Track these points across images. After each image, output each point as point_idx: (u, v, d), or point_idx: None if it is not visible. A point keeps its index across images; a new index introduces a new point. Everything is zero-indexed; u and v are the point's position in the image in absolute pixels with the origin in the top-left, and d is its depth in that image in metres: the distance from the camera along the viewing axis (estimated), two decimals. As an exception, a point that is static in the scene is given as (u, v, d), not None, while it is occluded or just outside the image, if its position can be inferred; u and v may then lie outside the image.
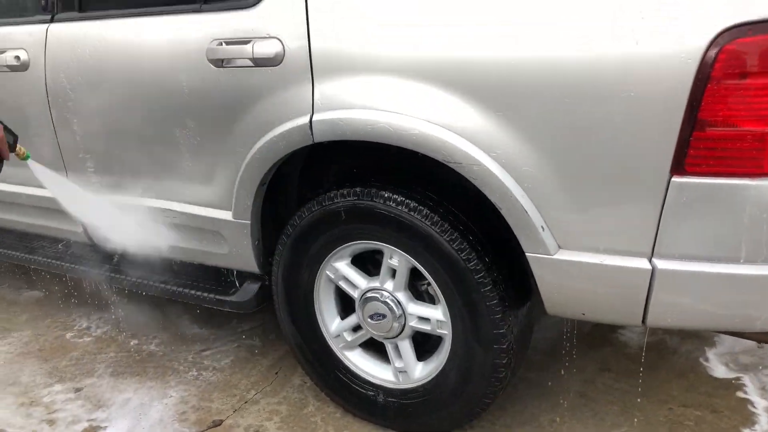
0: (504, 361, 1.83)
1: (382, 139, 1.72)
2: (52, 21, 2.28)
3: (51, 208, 2.53)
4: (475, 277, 1.75)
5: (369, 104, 1.72)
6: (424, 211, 1.79)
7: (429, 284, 1.90)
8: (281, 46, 1.82)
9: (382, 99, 1.70)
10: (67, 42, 2.23)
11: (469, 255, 1.75)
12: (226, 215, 2.11)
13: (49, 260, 2.66)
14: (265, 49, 1.83)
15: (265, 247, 2.16)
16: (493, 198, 1.64)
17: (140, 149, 2.19)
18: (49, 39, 2.27)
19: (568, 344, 2.47)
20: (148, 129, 2.13)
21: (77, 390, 2.39)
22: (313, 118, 1.80)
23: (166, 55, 2.03)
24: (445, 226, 1.77)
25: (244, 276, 2.29)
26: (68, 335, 2.77)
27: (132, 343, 2.68)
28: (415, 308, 1.94)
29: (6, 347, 2.69)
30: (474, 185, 1.65)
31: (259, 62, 1.85)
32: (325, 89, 1.79)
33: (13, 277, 3.36)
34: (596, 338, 2.57)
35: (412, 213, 1.80)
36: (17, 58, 2.32)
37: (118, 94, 2.15)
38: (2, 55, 2.35)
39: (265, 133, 1.91)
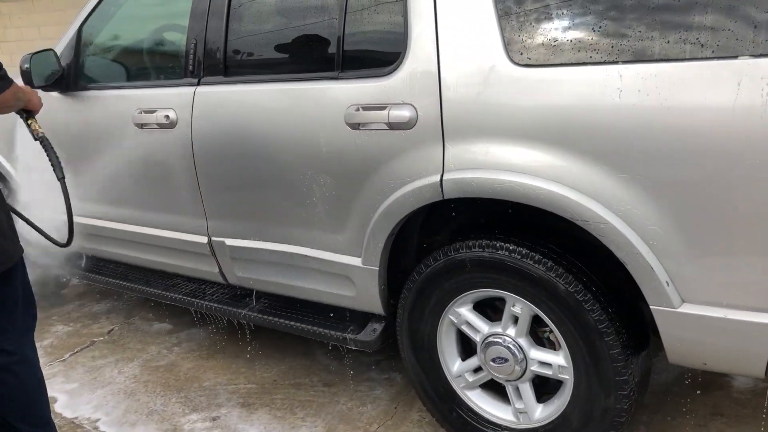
0: (625, 406, 1.93)
1: (511, 197, 1.87)
2: (198, 84, 2.55)
3: (186, 250, 2.80)
4: (599, 326, 1.86)
5: (499, 165, 1.87)
6: (549, 263, 1.91)
7: (550, 331, 2.02)
8: (414, 112, 2.00)
9: (512, 160, 1.85)
10: (213, 103, 2.49)
11: (593, 306, 1.86)
12: (356, 261, 2.30)
13: (186, 297, 2.92)
14: (399, 114, 2.02)
15: (388, 290, 2.34)
16: (620, 254, 1.75)
17: (278, 200, 2.41)
18: (196, 100, 2.54)
19: (678, 387, 2.52)
20: (286, 182, 2.35)
21: (213, 419, 2.61)
22: (444, 177, 1.97)
23: (305, 117, 2.25)
24: (569, 278, 1.89)
25: (361, 314, 2.47)
26: (198, 365, 3.02)
27: (258, 375, 2.90)
28: (537, 354, 2.06)
29: (141, 376, 2.96)
30: (598, 240, 1.78)
31: (393, 126, 2.04)
32: (455, 151, 1.95)
33: (144, 308, 3.66)
34: (707, 381, 2.61)
35: (536, 264, 1.93)
36: (167, 117, 2.60)
37: (259, 151, 2.38)
38: (153, 114, 2.63)
39: (397, 189, 2.09)
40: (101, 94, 2.89)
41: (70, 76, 2.98)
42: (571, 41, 1.76)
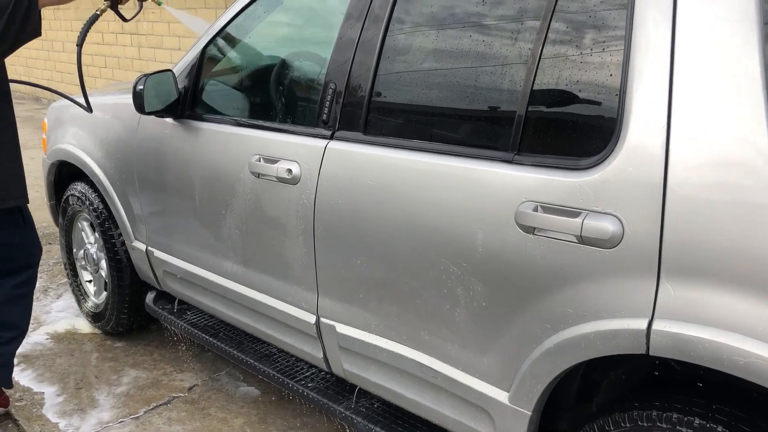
0: None
1: (752, 378, 1.30)
2: (332, 138, 2.11)
3: (289, 324, 2.36)
4: None
5: (746, 328, 1.30)
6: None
7: None
8: (620, 226, 1.46)
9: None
10: (347, 165, 2.04)
11: None
12: (501, 396, 1.77)
13: (279, 375, 2.48)
14: (598, 226, 1.48)
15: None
16: None
17: (410, 294, 1.92)
18: (326, 156, 2.10)
19: None
20: (424, 276, 1.86)
21: None
22: (653, 326, 1.42)
23: (461, 203, 1.75)
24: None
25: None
26: (283, 453, 2.58)
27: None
28: None
29: (221, 456, 2.55)
30: None
31: (586, 240, 1.50)
32: (677, 291, 1.40)
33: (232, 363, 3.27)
34: None
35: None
36: (289, 171, 2.17)
37: (396, 232, 1.91)
38: (275, 165, 2.21)
39: (577, 324, 1.55)
40: (217, 129, 2.50)
41: (186, 102, 2.62)
42: None
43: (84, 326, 3.51)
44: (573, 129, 1.64)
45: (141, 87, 2.50)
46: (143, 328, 3.43)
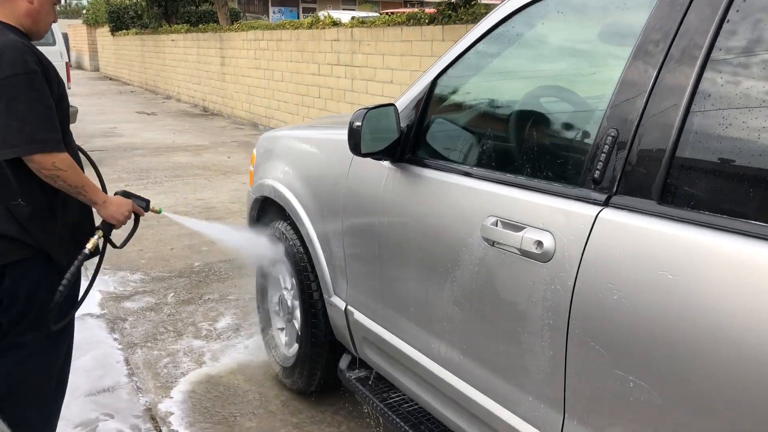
0: None
1: None
2: (606, 204, 1.52)
3: (479, 417, 1.79)
4: None
5: None
6: None
7: None
8: None
9: None
10: (629, 244, 1.44)
11: None
12: None
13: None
14: None
15: None
16: None
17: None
18: (596, 229, 1.51)
19: None
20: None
21: None
22: None
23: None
24: None
25: None
26: None
27: None
28: None
29: None
30: None
31: None
32: None
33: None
34: None
35: None
36: (538, 244, 1.61)
37: (716, 358, 1.27)
38: (518, 234, 1.67)
39: None
40: (443, 179, 2.02)
41: (407, 143, 2.18)
42: None
43: (270, 379, 3.20)
44: None
45: (359, 123, 2.09)
46: (333, 389, 3.04)
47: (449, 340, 1.98)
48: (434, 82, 2.16)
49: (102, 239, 2.28)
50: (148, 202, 2.44)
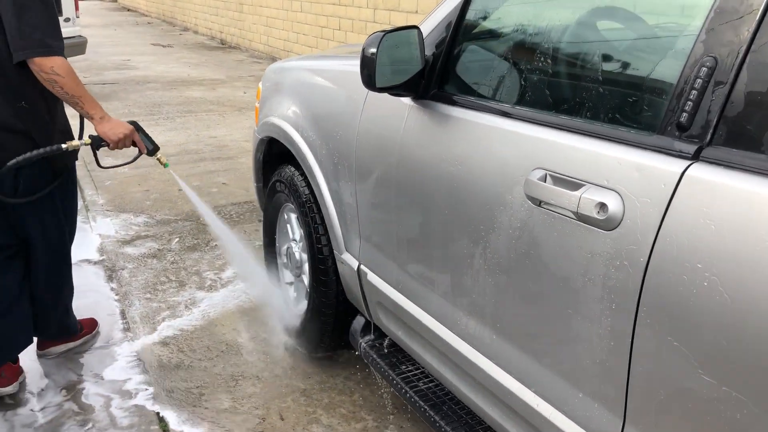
0: None
1: None
2: (696, 158, 1.15)
3: (515, 409, 1.48)
4: None
5: None
6: None
7: None
8: None
9: None
10: (731, 209, 1.07)
11: None
12: None
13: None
14: None
15: None
16: None
17: None
18: (681, 191, 1.15)
19: None
20: None
21: None
22: None
23: None
24: None
25: None
26: None
27: None
28: None
29: None
30: None
31: None
32: None
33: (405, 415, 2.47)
34: None
35: None
36: (601, 207, 1.25)
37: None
38: (574, 193, 1.31)
39: None
40: (476, 119, 1.65)
41: (434, 75, 1.80)
42: None
43: (281, 337, 2.91)
44: None
45: (373, 50, 1.71)
46: (348, 349, 2.74)
47: (480, 316, 1.65)
48: (468, 1, 1.76)
49: (90, 147, 2.36)
50: (156, 147, 2.50)
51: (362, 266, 2.18)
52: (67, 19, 7.53)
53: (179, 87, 8.68)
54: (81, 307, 2.88)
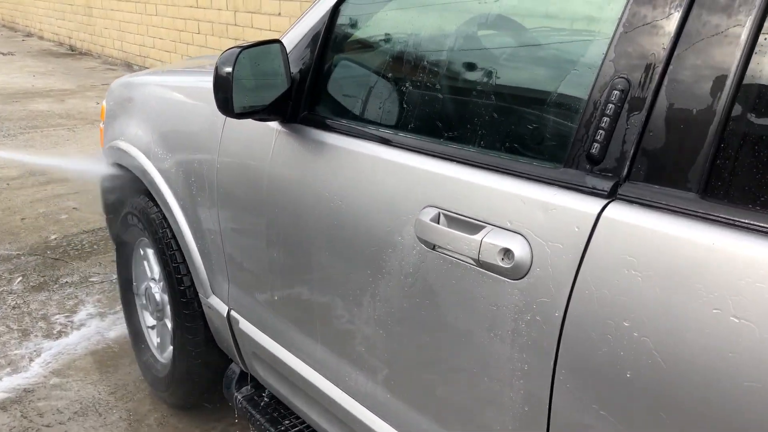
0: None
1: None
2: (612, 196, 0.99)
3: None
4: None
5: None
6: None
7: None
8: None
9: None
10: (658, 255, 0.92)
11: None
12: None
13: None
14: None
15: None
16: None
17: None
18: (598, 232, 0.98)
19: None
20: None
21: None
22: None
23: None
24: None
25: None
26: None
27: None
28: None
29: None
30: None
31: None
32: None
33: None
34: None
35: None
36: (505, 253, 1.07)
37: None
38: (475, 237, 1.12)
39: None
40: (353, 147, 1.43)
41: (302, 96, 1.56)
42: None
43: (142, 390, 2.56)
44: None
45: (229, 69, 1.45)
46: (223, 398, 2.45)
47: (372, 372, 1.44)
48: (336, 8, 1.54)
49: None
50: None
51: (233, 312, 1.91)
52: None
53: (22, 100, 7.88)
54: None
